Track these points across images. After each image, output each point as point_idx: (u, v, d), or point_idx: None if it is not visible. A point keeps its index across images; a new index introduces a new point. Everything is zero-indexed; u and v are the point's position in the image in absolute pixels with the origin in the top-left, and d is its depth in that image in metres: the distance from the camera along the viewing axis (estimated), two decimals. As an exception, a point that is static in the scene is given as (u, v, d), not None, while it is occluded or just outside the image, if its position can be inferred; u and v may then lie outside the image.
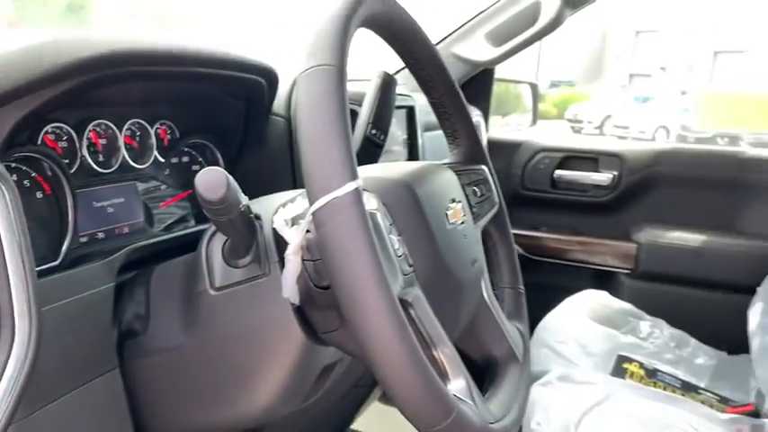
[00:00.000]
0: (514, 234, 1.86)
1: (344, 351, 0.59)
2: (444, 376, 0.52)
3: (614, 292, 1.66)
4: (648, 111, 14.22)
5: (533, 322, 1.51)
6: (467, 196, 0.72)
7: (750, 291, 1.49)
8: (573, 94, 20.04)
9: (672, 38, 25.32)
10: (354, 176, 0.45)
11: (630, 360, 1.41)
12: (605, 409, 1.11)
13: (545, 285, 1.68)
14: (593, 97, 18.36)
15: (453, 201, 0.67)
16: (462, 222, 0.67)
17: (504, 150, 1.85)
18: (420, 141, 1.24)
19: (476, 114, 1.76)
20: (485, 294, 0.71)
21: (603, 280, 1.75)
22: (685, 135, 11.95)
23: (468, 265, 0.66)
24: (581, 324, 1.50)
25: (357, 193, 0.44)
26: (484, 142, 1.79)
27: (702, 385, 1.39)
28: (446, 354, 0.52)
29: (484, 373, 0.70)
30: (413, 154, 1.22)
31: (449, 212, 0.64)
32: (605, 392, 1.17)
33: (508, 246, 0.82)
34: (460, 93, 0.74)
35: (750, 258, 1.59)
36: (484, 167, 0.79)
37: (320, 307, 0.55)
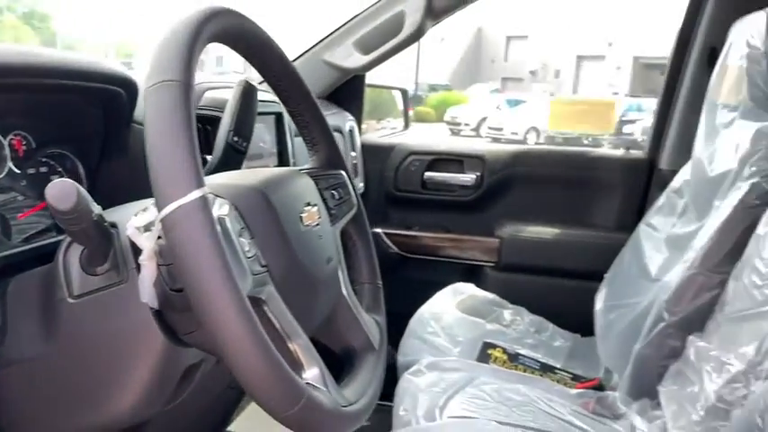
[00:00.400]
0: (390, 233, 1.95)
1: (205, 351, 0.61)
2: (299, 366, 0.56)
3: (481, 283, 1.77)
4: (520, 113, 15.03)
5: (408, 316, 1.59)
6: (324, 200, 0.77)
7: (599, 277, 1.65)
8: (451, 96, 20.77)
9: (539, 43, 26.91)
10: (200, 185, 0.48)
11: (495, 346, 1.52)
12: (469, 391, 1.19)
13: (419, 281, 1.77)
14: (470, 100, 19.12)
15: (308, 204, 0.71)
16: (317, 224, 0.72)
17: (377, 154, 1.92)
18: (290, 146, 1.28)
19: (348, 119, 1.82)
20: (343, 290, 0.76)
21: (472, 273, 1.86)
22: (553, 136, 12.77)
23: (324, 263, 0.71)
24: (450, 315, 1.60)
25: (203, 200, 0.48)
26: (358, 146, 1.85)
27: (558, 366, 1.53)
28: (300, 345, 0.57)
29: (343, 362, 0.75)
30: (283, 159, 1.26)
31: (303, 215, 0.69)
32: (470, 377, 1.26)
33: (367, 244, 0.87)
34: (317, 102, 0.79)
35: (598, 248, 1.75)
36: (342, 172, 0.84)
37: (178, 309, 0.57)
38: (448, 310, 1.63)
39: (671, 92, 1.74)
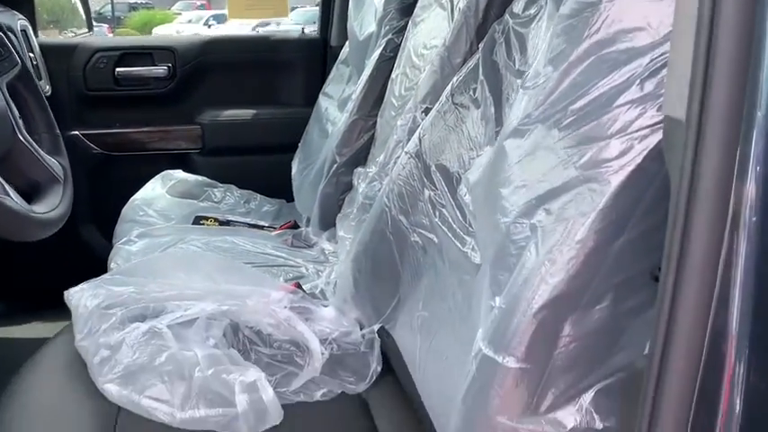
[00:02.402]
0: (89, 134, 1.94)
1: None
2: None
3: (190, 170, 1.88)
4: (230, 28, 14.73)
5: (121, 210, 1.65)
6: None
7: (294, 148, 1.88)
8: (155, 15, 19.40)
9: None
10: None
11: (207, 217, 1.67)
12: (180, 247, 1.34)
13: (128, 177, 1.82)
14: (176, 18, 18.09)
15: None
16: None
17: (59, 54, 1.86)
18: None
19: (19, 19, 1.73)
20: (18, 135, 0.83)
21: (180, 161, 1.95)
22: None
23: None
24: (162, 199, 1.70)
25: None
26: (35, 47, 1.78)
27: (266, 224, 1.73)
28: None
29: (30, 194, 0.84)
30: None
31: None
32: (180, 237, 1.40)
33: (37, 98, 0.94)
34: None
35: (289, 122, 1.96)
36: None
37: None
38: (159, 196, 1.72)
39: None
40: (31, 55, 1.74)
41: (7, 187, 0.66)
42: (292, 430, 0.85)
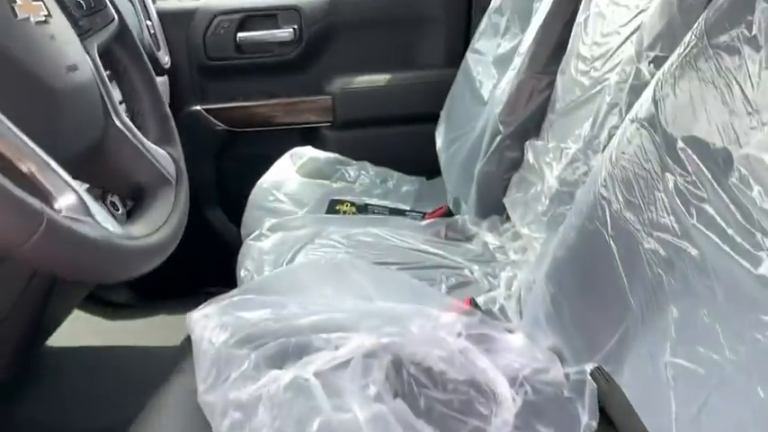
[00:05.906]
0: (212, 108, 1.77)
1: None
2: (45, 194, 0.43)
3: (320, 145, 1.67)
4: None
5: (249, 193, 1.47)
6: (66, 7, 0.60)
7: (436, 117, 1.61)
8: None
9: None
10: None
11: (342, 201, 1.45)
12: (318, 242, 1.11)
13: (255, 155, 1.64)
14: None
15: None
16: (44, 20, 0.55)
17: (178, 21, 1.69)
18: None
19: (135, -17, 1.57)
20: (114, 119, 0.61)
21: (309, 137, 1.75)
22: None
23: (62, 70, 0.55)
24: (292, 181, 1.50)
25: None
26: (153, 14, 1.62)
27: (408, 208, 1.49)
28: (40, 168, 0.43)
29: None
30: None
31: (17, 4, 0.52)
32: (317, 230, 1.17)
33: (143, 70, 0.71)
34: None
35: (430, 87, 1.70)
36: None
37: None
38: (289, 177, 1.52)
39: None
40: (149, 23, 1.58)
41: (91, 202, 0.44)
42: None
